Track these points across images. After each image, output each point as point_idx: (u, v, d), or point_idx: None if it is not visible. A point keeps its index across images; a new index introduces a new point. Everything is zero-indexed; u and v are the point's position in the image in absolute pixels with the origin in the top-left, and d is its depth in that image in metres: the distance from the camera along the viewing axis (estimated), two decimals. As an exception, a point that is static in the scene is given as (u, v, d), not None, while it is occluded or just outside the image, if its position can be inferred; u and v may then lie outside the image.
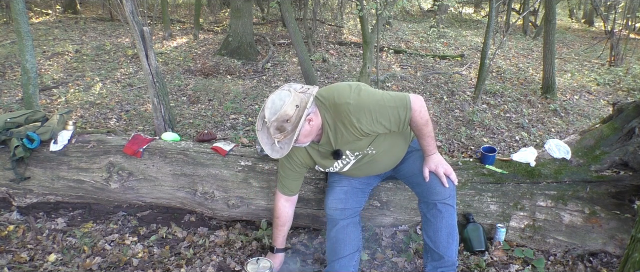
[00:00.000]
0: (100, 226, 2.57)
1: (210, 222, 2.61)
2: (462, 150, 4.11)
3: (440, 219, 1.90)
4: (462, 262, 2.21)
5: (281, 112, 1.63)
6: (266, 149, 1.73)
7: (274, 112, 1.64)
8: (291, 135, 1.67)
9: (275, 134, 1.68)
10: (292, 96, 1.66)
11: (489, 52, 5.47)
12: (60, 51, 7.26)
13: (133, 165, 2.51)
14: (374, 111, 1.71)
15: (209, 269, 2.17)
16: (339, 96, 1.73)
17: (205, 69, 6.78)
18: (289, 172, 1.97)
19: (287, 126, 1.65)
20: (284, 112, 1.63)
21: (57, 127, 2.62)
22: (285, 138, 1.68)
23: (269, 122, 1.66)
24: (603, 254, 2.23)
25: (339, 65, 7.46)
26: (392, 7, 5.88)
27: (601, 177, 2.26)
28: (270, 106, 1.66)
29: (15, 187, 2.58)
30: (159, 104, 3.57)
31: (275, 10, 11.74)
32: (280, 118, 1.64)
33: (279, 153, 1.71)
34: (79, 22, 10.00)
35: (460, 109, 5.34)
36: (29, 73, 3.69)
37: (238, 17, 7.65)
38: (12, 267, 2.17)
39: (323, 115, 1.76)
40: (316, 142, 1.86)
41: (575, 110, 5.56)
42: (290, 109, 1.64)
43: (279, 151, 1.71)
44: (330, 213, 2.04)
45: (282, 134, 1.67)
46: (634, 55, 8.95)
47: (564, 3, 15.20)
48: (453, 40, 10.22)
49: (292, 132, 1.66)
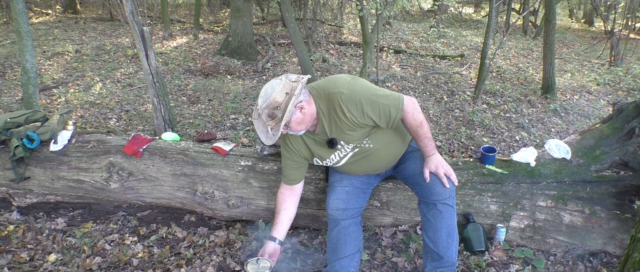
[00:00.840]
0: (100, 226, 2.57)
1: (210, 222, 2.61)
2: (462, 150, 4.11)
3: (440, 219, 1.90)
4: (462, 262, 2.21)
5: (271, 99, 1.68)
6: (261, 136, 1.77)
7: (265, 100, 1.70)
8: (282, 121, 1.70)
9: (267, 121, 1.72)
10: (282, 84, 1.71)
11: (489, 52, 5.47)
12: (60, 51, 7.26)
13: (133, 165, 2.50)
14: (364, 104, 1.74)
15: (209, 269, 2.17)
16: (333, 86, 1.76)
17: (205, 69, 6.78)
18: (288, 161, 2.00)
19: (278, 113, 1.69)
20: (273, 99, 1.68)
21: (57, 127, 2.62)
22: (276, 125, 1.72)
23: (260, 109, 1.71)
24: (603, 254, 2.22)
25: (339, 65, 7.46)
26: (392, 7, 5.88)
27: (601, 177, 2.26)
28: (262, 94, 1.72)
29: (15, 187, 2.58)
30: (159, 104, 3.57)
31: (275, 10, 11.74)
32: (271, 105, 1.69)
33: (272, 139, 1.75)
34: (79, 22, 10.00)
35: (460, 109, 5.34)
36: (29, 73, 3.69)
37: (238, 17, 7.65)
38: (12, 267, 2.17)
39: (318, 104, 1.79)
40: (312, 132, 1.89)
41: (575, 110, 5.55)
42: (279, 96, 1.68)
43: (271, 137, 1.74)
44: (332, 213, 2.04)
45: (273, 121, 1.71)
46: (634, 55, 8.95)
47: (564, 3, 15.20)
48: (453, 40, 10.22)
49: (283, 119, 1.70)
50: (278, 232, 2.03)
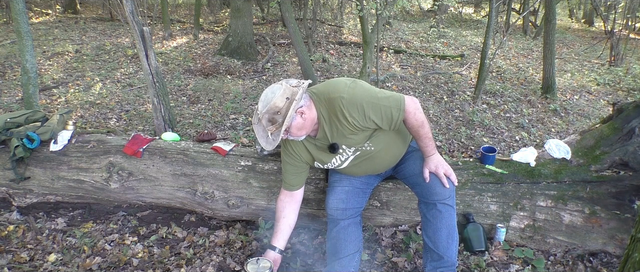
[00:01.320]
0: (100, 226, 2.57)
1: (210, 222, 2.61)
2: (462, 150, 4.11)
3: (440, 219, 1.90)
4: (462, 262, 2.21)
5: (271, 104, 1.68)
6: (261, 141, 1.76)
7: (265, 105, 1.69)
8: (282, 126, 1.69)
9: (267, 126, 1.72)
10: (283, 89, 1.70)
11: (489, 52, 5.47)
12: (60, 51, 7.26)
13: (133, 165, 2.50)
14: (366, 107, 1.73)
15: (209, 269, 2.17)
16: (334, 90, 1.76)
17: (205, 69, 6.78)
18: (288, 167, 1.99)
19: (278, 118, 1.69)
20: (274, 104, 1.67)
21: (57, 127, 2.62)
22: (276, 130, 1.71)
23: (261, 114, 1.70)
24: (603, 254, 2.22)
25: (339, 65, 7.46)
26: (392, 7, 5.88)
27: (601, 177, 2.26)
28: (263, 99, 1.71)
29: (15, 187, 2.58)
30: (159, 104, 3.57)
31: (275, 10, 11.73)
32: (271, 110, 1.68)
33: (271, 145, 1.74)
34: (79, 22, 10.00)
35: (460, 109, 5.34)
36: (29, 73, 3.69)
37: (238, 17, 7.65)
38: (12, 267, 2.17)
39: (319, 109, 1.79)
40: (313, 137, 1.88)
41: (575, 110, 5.55)
42: (280, 101, 1.68)
43: (271, 142, 1.74)
44: (332, 213, 2.04)
45: (274, 126, 1.70)
46: (634, 55, 8.95)
47: (564, 3, 15.19)
48: (453, 40, 10.21)
49: (283, 124, 1.69)
50: (278, 241, 1.98)
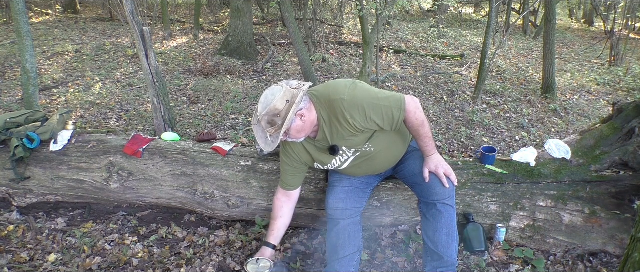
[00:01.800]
0: (100, 226, 2.57)
1: (210, 222, 2.61)
2: (462, 150, 4.11)
3: (439, 219, 1.90)
4: (462, 262, 2.21)
5: (271, 106, 1.67)
6: (260, 142, 1.77)
7: (265, 107, 1.69)
8: (281, 129, 1.69)
9: (267, 128, 1.72)
10: (283, 91, 1.70)
11: (489, 52, 5.47)
12: (60, 51, 7.26)
13: (133, 165, 2.51)
14: (367, 108, 1.73)
15: (209, 269, 2.17)
16: (334, 92, 1.75)
17: (205, 69, 6.78)
18: (287, 167, 1.99)
19: (278, 120, 1.69)
20: (273, 107, 1.67)
21: (57, 127, 2.62)
22: (276, 132, 1.71)
23: (260, 116, 1.71)
24: (603, 254, 2.22)
25: (339, 65, 7.46)
26: (392, 7, 5.88)
27: (601, 177, 2.26)
28: (262, 101, 1.71)
29: (15, 187, 2.58)
30: (159, 104, 3.57)
31: (275, 10, 11.73)
32: (271, 112, 1.68)
33: (271, 146, 1.75)
34: (79, 22, 10.00)
35: (460, 109, 5.34)
36: (29, 73, 3.69)
37: (238, 17, 7.65)
38: (12, 267, 2.17)
39: (319, 111, 1.78)
40: (313, 139, 1.88)
41: (575, 110, 5.55)
42: (280, 103, 1.68)
43: (271, 144, 1.74)
44: (331, 213, 2.04)
45: (273, 128, 1.71)
46: (634, 55, 8.95)
47: (564, 3, 15.20)
48: (453, 40, 10.22)
49: (282, 126, 1.69)
50: (274, 238, 2.05)
